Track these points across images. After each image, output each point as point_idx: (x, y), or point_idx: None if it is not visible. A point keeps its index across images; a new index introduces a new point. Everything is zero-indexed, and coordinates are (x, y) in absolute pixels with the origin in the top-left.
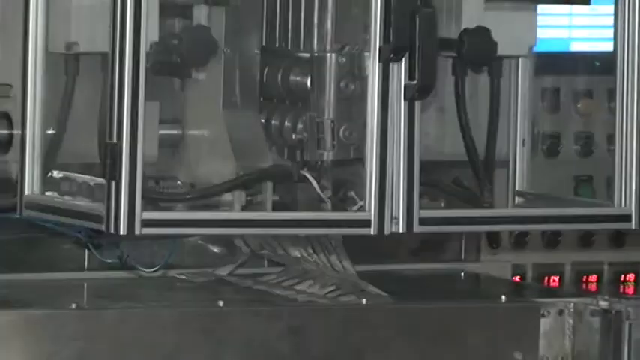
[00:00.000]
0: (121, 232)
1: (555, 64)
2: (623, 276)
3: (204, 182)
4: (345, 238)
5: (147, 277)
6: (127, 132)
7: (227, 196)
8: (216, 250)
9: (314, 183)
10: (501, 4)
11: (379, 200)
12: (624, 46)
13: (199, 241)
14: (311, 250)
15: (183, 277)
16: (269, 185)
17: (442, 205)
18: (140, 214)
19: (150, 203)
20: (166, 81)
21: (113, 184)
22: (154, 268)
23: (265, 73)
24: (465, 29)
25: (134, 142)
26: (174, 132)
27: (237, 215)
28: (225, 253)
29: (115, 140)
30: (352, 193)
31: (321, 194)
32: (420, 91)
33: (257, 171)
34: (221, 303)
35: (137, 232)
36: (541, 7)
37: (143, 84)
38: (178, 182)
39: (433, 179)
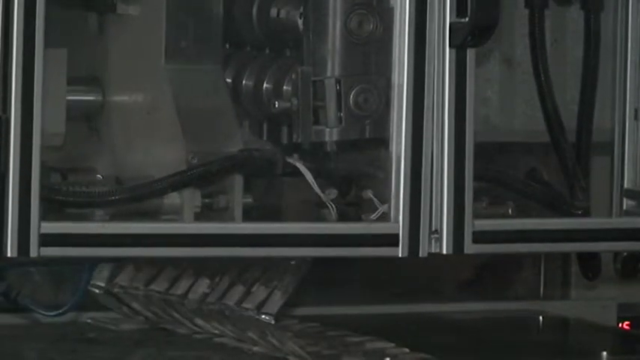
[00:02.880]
0: (9, 253)
1: None
2: None
3: (136, 176)
4: (352, 263)
5: (48, 322)
6: (18, 98)
7: (173, 198)
8: None
9: (308, 176)
10: None
11: (411, 204)
12: None
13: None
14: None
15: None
16: (238, 180)
17: (510, 211)
18: (38, 226)
19: (53, 209)
20: (76, 18)
21: None
22: (59, 311)
23: (233, 6)
24: None
25: (28, 113)
26: (90, 97)
27: (188, 228)
28: None
29: None
30: (369, 193)
31: (321, 194)
32: (474, 33)
33: (219, 158)
34: None
35: (33, 252)
36: None
37: (42, 21)
38: (98, 176)
39: (496, 171)
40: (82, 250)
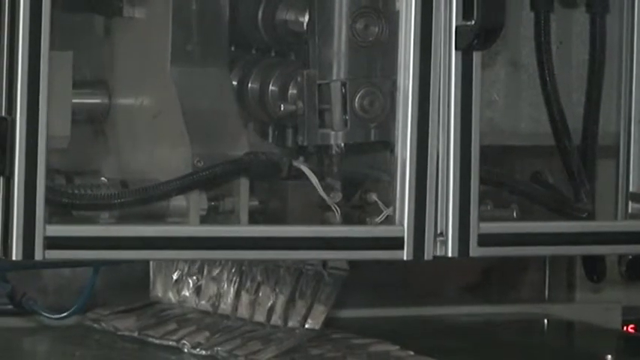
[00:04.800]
0: (14, 257)
1: None
2: None
3: (141, 179)
4: (359, 266)
5: (53, 325)
6: (23, 100)
7: (179, 201)
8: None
9: (314, 180)
10: None
11: (416, 207)
12: None
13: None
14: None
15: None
16: (244, 184)
17: (515, 214)
18: (43, 229)
19: (58, 212)
20: (83, 21)
21: (1, 181)
22: (64, 314)
23: (239, 9)
24: None
25: (34, 116)
26: (96, 100)
27: (194, 230)
28: None
29: (3, 113)
30: (374, 196)
31: (326, 197)
32: (480, 36)
33: (225, 162)
34: None
35: (38, 255)
36: None
37: (47, 24)
38: (103, 179)
39: (501, 174)
40: (88, 252)
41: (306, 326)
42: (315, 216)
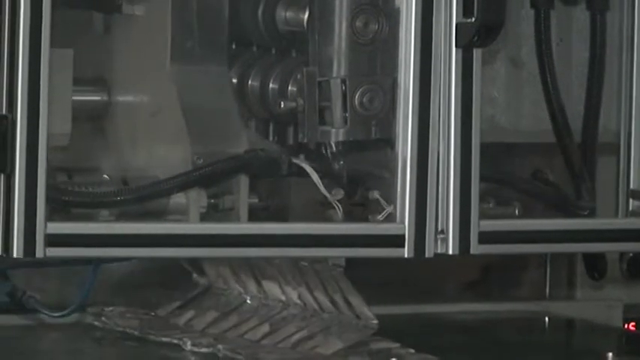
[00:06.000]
0: (15, 254)
1: None
2: None
3: (141, 176)
4: (359, 264)
5: (53, 323)
6: (24, 99)
7: (179, 198)
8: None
9: (314, 177)
10: None
11: (417, 205)
12: None
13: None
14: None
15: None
16: (243, 181)
17: (517, 212)
18: (44, 226)
19: (58, 209)
20: (82, 19)
21: (1, 178)
22: (65, 312)
23: (240, 7)
24: None
25: (34, 113)
26: (96, 98)
27: (194, 228)
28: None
29: (4, 111)
30: (375, 194)
31: (327, 194)
32: (480, 33)
33: (225, 159)
34: None
35: (39, 253)
36: None
37: (48, 21)
38: (105, 176)
39: (502, 172)
40: (88, 250)
41: (316, 350)
42: (317, 213)
